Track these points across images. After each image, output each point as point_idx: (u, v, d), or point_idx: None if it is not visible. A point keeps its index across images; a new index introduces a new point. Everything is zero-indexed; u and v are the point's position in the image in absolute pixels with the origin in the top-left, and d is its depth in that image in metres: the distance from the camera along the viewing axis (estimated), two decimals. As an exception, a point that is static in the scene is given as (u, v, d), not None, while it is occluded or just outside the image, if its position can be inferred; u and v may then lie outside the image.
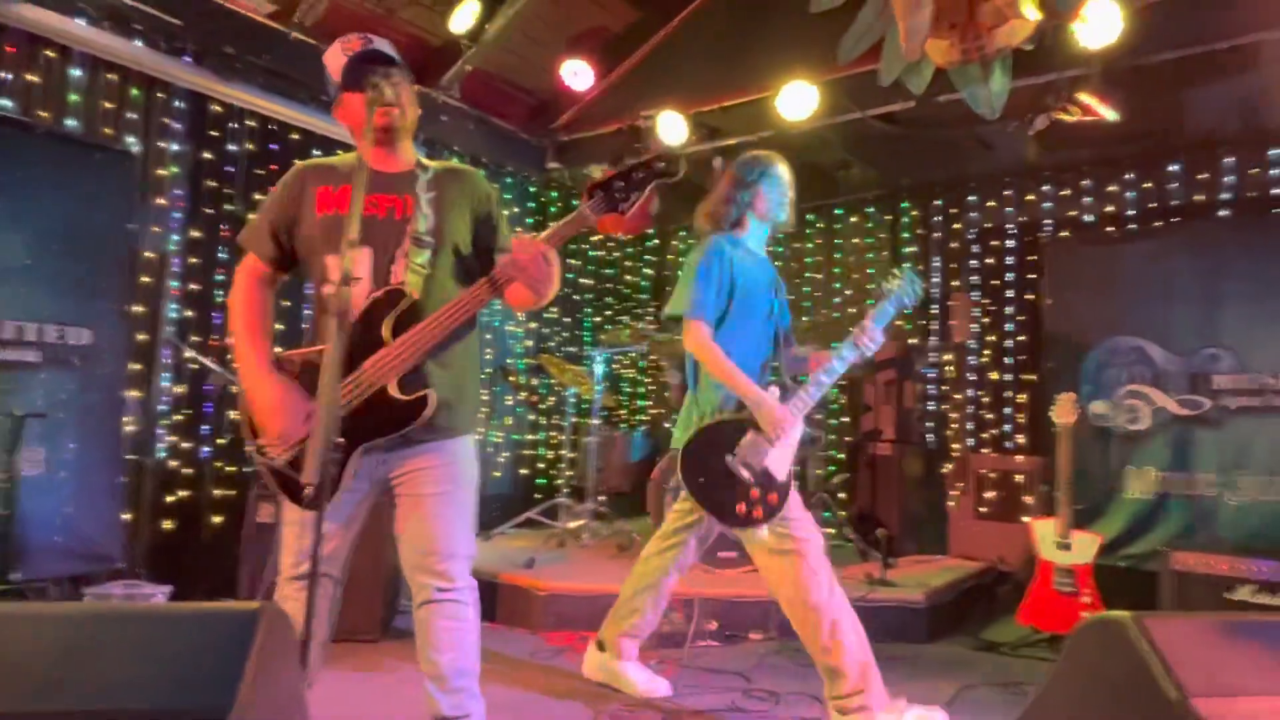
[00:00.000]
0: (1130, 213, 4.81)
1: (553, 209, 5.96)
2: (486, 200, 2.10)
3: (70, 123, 3.57)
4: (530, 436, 5.90)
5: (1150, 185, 4.76)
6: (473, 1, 4.34)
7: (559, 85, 4.91)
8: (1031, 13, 3.36)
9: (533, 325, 5.89)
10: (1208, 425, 4.03)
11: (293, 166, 2.08)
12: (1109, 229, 4.81)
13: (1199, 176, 4.60)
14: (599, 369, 5.04)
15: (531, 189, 5.87)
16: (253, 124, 4.21)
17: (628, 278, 6.85)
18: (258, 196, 4.12)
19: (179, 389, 3.93)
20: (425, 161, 2.10)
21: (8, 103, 3.38)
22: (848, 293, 5.96)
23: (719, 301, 2.60)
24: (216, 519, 3.91)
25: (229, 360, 3.96)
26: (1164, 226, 4.61)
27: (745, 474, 2.47)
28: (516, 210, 5.73)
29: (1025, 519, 4.22)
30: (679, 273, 2.73)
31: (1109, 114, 3.79)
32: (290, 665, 0.97)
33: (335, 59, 1.98)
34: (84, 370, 3.40)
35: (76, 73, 3.59)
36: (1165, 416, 4.14)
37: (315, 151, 4.36)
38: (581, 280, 6.38)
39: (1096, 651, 0.98)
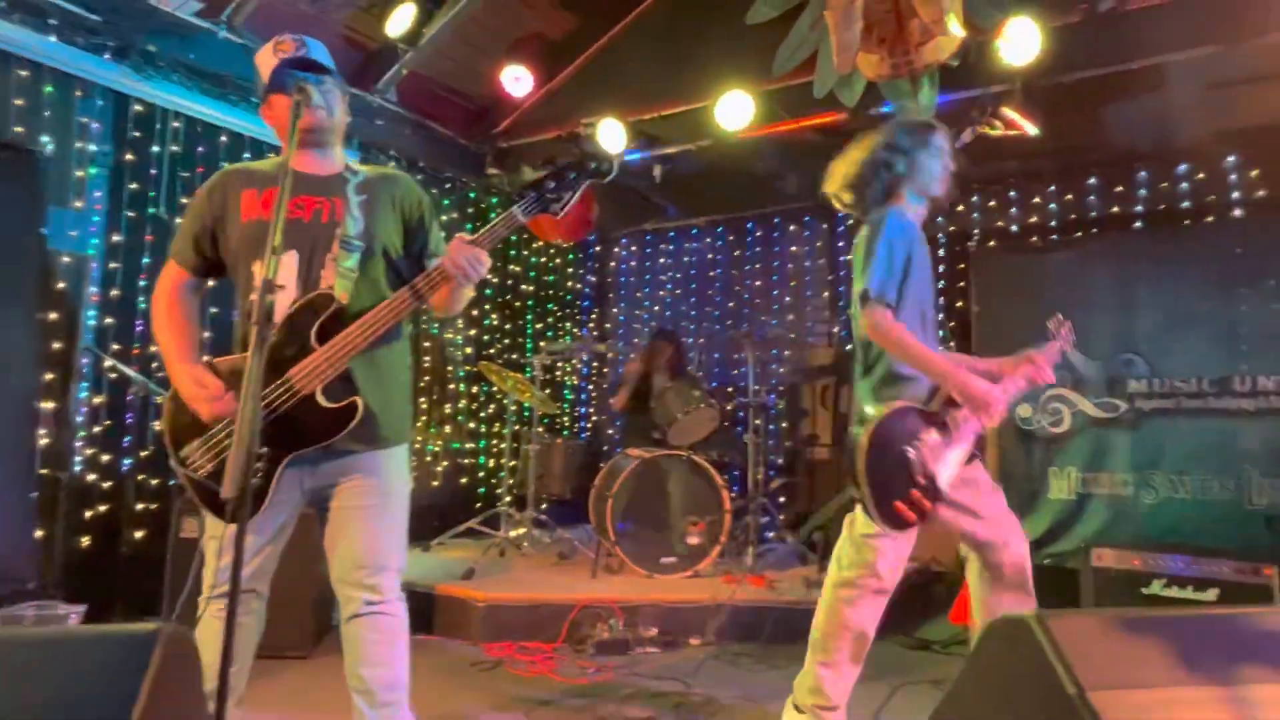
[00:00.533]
0: (1052, 223, 5.02)
1: (491, 215, 5.91)
2: (418, 206, 2.08)
3: (-23, 120, 3.40)
4: (470, 445, 5.83)
5: (1071, 197, 4.97)
6: (409, 4, 4.29)
7: (498, 91, 4.88)
8: (956, 29, 3.48)
9: (472, 333, 5.83)
10: (1124, 427, 4.21)
11: (219, 170, 2.04)
12: (1033, 239, 5.01)
13: (1115, 190, 4.83)
14: (540, 376, 5.01)
15: (471, 195, 5.82)
16: (178, 125, 4.06)
17: (570, 284, 6.84)
18: (183, 200, 3.98)
19: (98, 399, 3.76)
20: (355, 165, 2.06)
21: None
22: (786, 299, 6.09)
23: (898, 283, 2.26)
24: (138, 534, 3.76)
25: (153, 368, 3.82)
26: (1083, 237, 4.82)
27: (919, 472, 2.21)
28: (455, 216, 5.67)
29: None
30: (859, 254, 2.33)
31: (1030, 128, 3.95)
32: (192, 688, 0.93)
33: (267, 59, 1.93)
34: (-9, 380, 3.23)
35: (-16, 68, 3.42)
36: (1085, 419, 4.31)
37: (245, 155, 4.23)
38: (523, 287, 6.35)
39: (1003, 649, 1.02)
